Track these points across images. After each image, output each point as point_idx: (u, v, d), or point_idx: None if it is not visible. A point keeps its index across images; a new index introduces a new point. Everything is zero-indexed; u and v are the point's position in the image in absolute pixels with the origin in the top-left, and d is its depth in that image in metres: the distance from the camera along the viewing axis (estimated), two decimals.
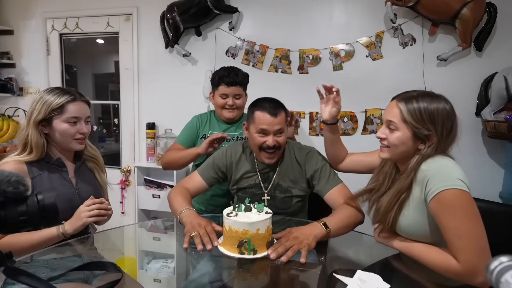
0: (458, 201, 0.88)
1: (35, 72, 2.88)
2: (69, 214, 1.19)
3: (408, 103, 0.97)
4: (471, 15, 1.96)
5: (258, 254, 1.03)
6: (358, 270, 0.95)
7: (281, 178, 1.40)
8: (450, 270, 0.88)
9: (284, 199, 1.40)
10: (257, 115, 1.31)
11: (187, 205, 1.28)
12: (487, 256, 0.84)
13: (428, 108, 0.95)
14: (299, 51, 2.34)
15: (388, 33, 2.22)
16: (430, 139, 0.96)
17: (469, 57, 2.11)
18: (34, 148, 1.15)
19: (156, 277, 1.21)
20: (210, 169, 1.45)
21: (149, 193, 2.48)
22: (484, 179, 2.09)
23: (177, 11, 2.39)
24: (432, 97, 0.98)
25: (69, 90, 1.22)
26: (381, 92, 2.24)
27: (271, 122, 1.28)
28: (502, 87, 1.90)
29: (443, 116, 0.95)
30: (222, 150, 1.49)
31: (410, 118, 0.96)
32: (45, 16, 2.80)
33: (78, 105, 1.20)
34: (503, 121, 1.88)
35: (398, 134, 0.99)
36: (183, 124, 1.87)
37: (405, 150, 0.99)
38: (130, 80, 2.70)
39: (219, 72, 1.72)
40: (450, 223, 0.88)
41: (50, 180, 1.19)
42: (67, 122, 1.18)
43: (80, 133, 1.20)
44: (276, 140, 1.30)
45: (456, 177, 0.90)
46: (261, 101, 1.35)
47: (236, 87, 1.69)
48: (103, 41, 2.92)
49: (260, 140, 1.31)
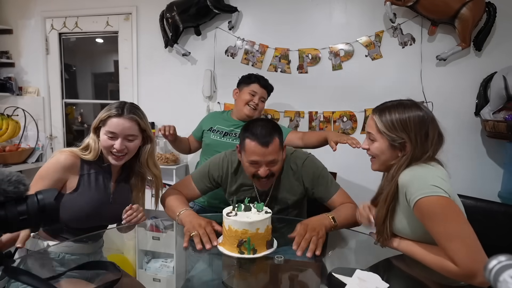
0: (437, 207, 0.90)
1: (34, 72, 2.88)
2: (97, 218, 1.23)
3: (381, 115, 1.03)
4: (471, 14, 1.96)
5: (258, 254, 1.03)
6: (357, 270, 0.95)
7: (278, 191, 1.37)
8: (449, 272, 0.89)
9: (281, 210, 1.39)
10: (248, 145, 1.22)
11: (185, 206, 1.27)
12: (481, 255, 0.85)
13: (399, 118, 0.99)
14: (298, 50, 2.34)
15: (388, 33, 2.22)
16: (405, 147, 1.00)
17: (468, 56, 2.12)
18: (92, 150, 1.22)
19: (155, 277, 1.21)
20: (204, 178, 1.40)
21: (148, 193, 2.46)
22: (483, 178, 2.10)
23: (176, 10, 2.38)
24: (405, 106, 1.01)
25: (124, 105, 1.22)
26: (381, 91, 2.24)
27: (263, 153, 1.20)
28: (501, 86, 1.90)
29: (416, 123, 0.98)
30: (219, 159, 1.42)
31: (384, 129, 1.01)
32: (44, 15, 2.80)
33: (120, 121, 1.19)
34: (502, 121, 1.88)
35: (377, 144, 1.05)
36: (183, 124, 1.88)
37: (387, 159, 1.04)
38: (129, 80, 2.70)
39: (253, 74, 1.92)
40: (436, 228, 0.90)
41: (94, 181, 1.23)
42: (106, 134, 1.21)
43: (115, 148, 1.20)
44: (269, 169, 1.23)
45: (430, 184, 0.91)
46: (252, 127, 1.24)
47: (265, 91, 1.89)
48: (103, 41, 2.91)
49: (251, 170, 1.25)
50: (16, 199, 0.62)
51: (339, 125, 2.33)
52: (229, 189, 1.40)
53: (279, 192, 1.36)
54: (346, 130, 2.32)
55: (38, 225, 0.65)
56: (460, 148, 2.11)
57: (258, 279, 1.09)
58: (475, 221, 0.91)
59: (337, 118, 2.32)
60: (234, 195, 1.38)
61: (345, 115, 2.31)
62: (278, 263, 1.06)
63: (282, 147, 1.28)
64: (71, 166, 1.19)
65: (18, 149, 2.71)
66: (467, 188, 1.77)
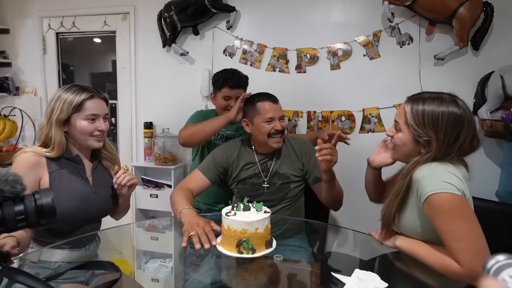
0: (448, 205, 0.86)
1: (31, 71, 2.86)
2: (85, 213, 1.19)
3: (414, 105, 0.96)
4: (468, 14, 1.96)
5: (257, 254, 1.03)
6: (356, 269, 0.95)
7: (279, 166, 1.47)
8: (451, 272, 0.88)
9: (282, 185, 1.46)
10: (261, 106, 1.43)
11: (187, 204, 1.28)
12: (486, 257, 0.84)
13: (432, 112, 0.92)
14: (296, 50, 2.34)
15: (386, 32, 2.22)
16: (430, 145, 0.94)
17: (466, 56, 2.12)
18: (56, 146, 1.15)
19: (154, 277, 1.21)
20: (211, 166, 1.49)
21: (147, 193, 2.47)
22: (480, 177, 2.08)
23: (174, 10, 2.38)
24: (442, 100, 0.93)
25: (87, 88, 1.22)
26: (379, 91, 2.25)
27: (275, 108, 1.43)
28: (498, 86, 1.91)
29: (448, 122, 0.91)
30: (221, 148, 1.54)
31: (412, 122, 0.95)
32: (41, 15, 2.78)
33: (97, 102, 1.20)
34: (500, 120, 1.89)
35: (400, 135, 1.00)
36: (181, 124, 1.85)
37: (408, 152, 1.00)
38: (127, 80, 2.69)
39: (222, 74, 1.76)
40: (444, 226, 0.88)
41: (67, 176, 1.18)
42: (86, 119, 1.18)
43: (99, 130, 1.20)
44: (281, 124, 1.43)
45: (443, 181, 0.88)
46: (258, 95, 1.48)
47: (239, 90, 1.75)
48: (100, 40, 2.90)
49: (268, 128, 1.41)
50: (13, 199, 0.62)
51: (337, 125, 2.33)
52: (235, 170, 1.49)
53: (280, 167, 1.47)
54: (345, 130, 2.32)
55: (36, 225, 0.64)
56: None
57: (257, 279, 1.09)
58: None
59: (336, 118, 2.32)
60: (239, 175, 1.48)
61: (344, 115, 2.31)
62: (277, 263, 1.06)
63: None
64: (37, 164, 1.13)
65: (15, 149, 2.70)
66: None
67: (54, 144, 1.15)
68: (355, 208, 1.96)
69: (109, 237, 1.34)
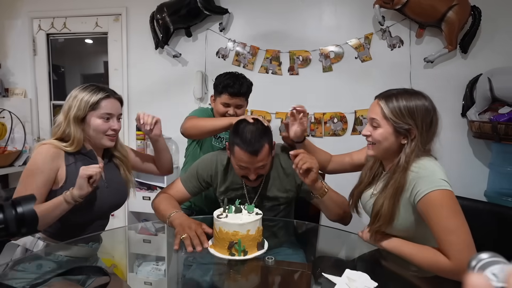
0: (445, 200, 0.92)
1: (21, 73, 2.83)
2: (98, 206, 1.22)
3: (388, 101, 1.03)
4: (457, 18, 2.00)
5: (249, 255, 1.03)
6: (346, 269, 0.96)
7: (268, 189, 1.36)
8: (440, 267, 0.90)
9: (271, 208, 1.38)
10: (237, 152, 1.20)
11: (175, 208, 1.26)
12: (474, 252, 0.87)
13: (407, 104, 1.00)
14: (289, 52, 2.36)
15: (377, 35, 2.25)
16: (411, 133, 1.00)
17: (454, 59, 2.16)
18: (76, 142, 1.19)
19: (146, 280, 1.20)
20: (193, 179, 1.40)
21: (139, 195, 2.45)
22: (469, 178, 2.14)
23: (167, 11, 2.37)
24: (411, 94, 1.03)
25: (104, 87, 1.25)
26: (370, 93, 2.23)
27: (252, 161, 1.19)
28: (486, 88, 1.95)
29: (422, 111, 0.99)
30: (207, 159, 1.41)
31: (390, 115, 1.01)
32: (31, 15, 2.75)
33: (112, 102, 1.24)
34: (488, 122, 1.93)
35: (381, 130, 1.03)
36: (173, 125, 1.83)
37: (389, 146, 1.04)
38: (119, 81, 2.67)
39: (224, 79, 1.62)
40: (439, 221, 0.92)
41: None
42: (101, 118, 1.21)
43: (112, 129, 1.23)
44: (258, 172, 1.24)
45: (440, 178, 0.94)
46: (241, 133, 1.21)
47: (239, 98, 1.60)
48: (92, 41, 2.88)
49: (240, 173, 1.27)
50: None
51: (329, 126, 2.35)
52: (219, 188, 1.39)
53: (269, 190, 1.36)
54: (337, 131, 2.34)
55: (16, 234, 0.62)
56: (447, 148, 2.13)
57: (249, 281, 1.10)
58: None
59: (328, 120, 2.34)
60: (224, 194, 1.38)
61: (336, 116, 2.34)
62: (269, 264, 1.06)
63: (272, 150, 1.27)
64: (57, 155, 1.17)
65: (4, 152, 2.66)
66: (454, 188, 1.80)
67: (73, 139, 1.19)
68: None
69: (103, 240, 1.32)
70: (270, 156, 1.27)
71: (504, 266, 0.36)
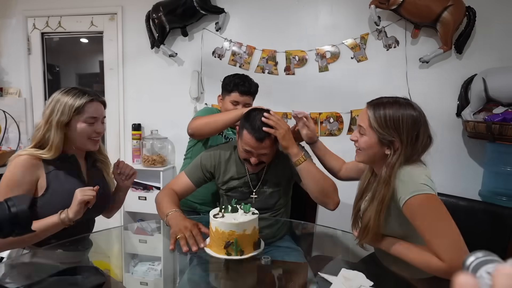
0: (426, 204, 0.92)
1: (15, 72, 2.80)
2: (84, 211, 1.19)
3: (376, 110, 1.02)
4: (452, 18, 2.02)
5: (245, 255, 1.03)
6: (342, 269, 0.97)
7: (269, 176, 1.42)
8: (434, 269, 0.91)
9: (271, 194, 1.42)
10: (245, 136, 1.29)
11: (174, 207, 1.27)
12: (465, 251, 0.87)
13: (393, 115, 0.99)
14: (285, 52, 2.36)
15: (373, 35, 2.26)
16: (394, 145, 1.00)
17: (449, 59, 2.18)
18: (54, 148, 1.15)
19: (142, 280, 1.19)
20: (197, 170, 1.44)
21: (135, 195, 2.44)
22: (464, 177, 2.16)
23: (162, 11, 2.36)
24: (400, 104, 1.01)
25: (87, 90, 1.22)
26: (366, 93, 2.25)
27: (256, 146, 1.28)
28: (481, 88, 1.96)
29: (409, 124, 0.98)
30: (210, 150, 1.48)
31: (375, 124, 1.00)
32: (26, 14, 2.73)
33: (96, 106, 1.22)
34: (482, 122, 1.94)
35: (366, 138, 1.04)
36: (170, 125, 1.83)
37: (373, 154, 1.04)
38: (115, 81, 2.66)
39: (234, 79, 1.72)
40: (424, 225, 0.92)
41: (64, 176, 1.19)
42: (86, 122, 1.19)
43: (96, 132, 1.22)
44: (259, 159, 1.32)
45: (420, 183, 0.94)
46: (253, 119, 1.30)
47: (248, 97, 1.71)
48: (87, 41, 2.86)
49: (244, 155, 1.34)
50: None
51: (325, 126, 2.35)
52: (223, 178, 1.44)
53: (270, 176, 1.42)
54: (333, 131, 2.35)
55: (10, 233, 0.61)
56: (442, 148, 2.17)
57: (246, 280, 1.10)
58: (456, 219, 0.94)
59: (324, 119, 2.35)
60: (227, 184, 1.43)
61: (332, 116, 2.34)
62: (265, 264, 1.06)
63: (276, 143, 1.34)
64: (36, 165, 1.14)
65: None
66: (449, 187, 1.82)
67: (51, 145, 1.15)
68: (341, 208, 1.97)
69: (97, 240, 1.32)
70: (274, 148, 1.35)
71: (499, 265, 0.37)
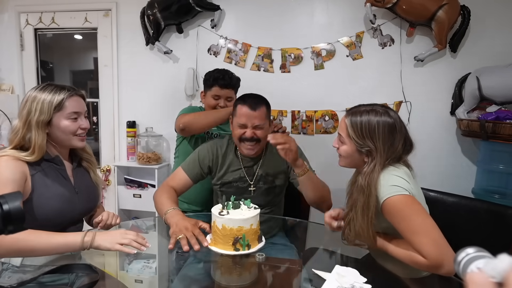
0: (400, 205, 0.95)
1: (8, 68, 2.76)
2: (70, 213, 1.17)
3: (353, 119, 1.04)
4: (446, 17, 2.03)
5: (252, 249, 1.06)
6: (336, 265, 0.97)
7: (264, 170, 1.43)
8: (418, 264, 0.93)
9: (267, 190, 1.44)
10: (239, 109, 1.36)
11: (172, 204, 1.27)
12: (445, 246, 0.89)
13: (369, 124, 1.01)
14: (281, 50, 2.36)
15: (368, 34, 2.27)
16: (371, 154, 1.02)
17: (444, 58, 2.19)
18: (37, 149, 1.09)
19: (137, 278, 1.19)
20: (195, 165, 1.45)
21: (130, 193, 2.43)
22: (457, 175, 2.18)
23: (158, 7, 2.35)
24: (376, 112, 1.02)
25: (63, 86, 1.17)
26: (361, 91, 2.29)
27: (250, 115, 1.33)
28: (474, 87, 1.98)
29: (385, 131, 1.00)
30: (207, 145, 1.50)
31: (353, 134, 1.03)
32: (19, 10, 2.69)
33: (76, 100, 1.16)
34: (476, 120, 1.96)
35: (345, 147, 1.07)
36: (165, 123, 1.81)
37: (353, 161, 1.07)
38: (109, 78, 2.64)
39: (214, 73, 1.75)
40: (402, 224, 0.95)
41: (49, 178, 1.14)
42: (68, 118, 1.14)
43: (82, 128, 1.17)
44: (254, 132, 1.35)
45: (390, 185, 0.97)
46: (244, 96, 1.41)
47: (229, 90, 1.74)
48: (81, 37, 2.83)
49: (239, 132, 1.36)
50: None
51: (321, 124, 2.36)
52: (219, 171, 1.45)
53: (265, 170, 1.44)
54: (328, 129, 2.36)
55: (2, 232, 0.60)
56: (436, 146, 2.19)
57: (240, 277, 1.10)
58: (449, 215, 0.95)
59: (319, 117, 2.35)
60: (222, 178, 1.44)
61: (327, 114, 2.35)
62: (259, 261, 1.07)
63: (269, 119, 1.39)
64: (19, 165, 1.06)
65: None
66: (442, 184, 1.83)
67: (34, 147, 1.09)
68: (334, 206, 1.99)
69: None
70: (267, 121, 1.39)
71: (489, 260, 0.37)
